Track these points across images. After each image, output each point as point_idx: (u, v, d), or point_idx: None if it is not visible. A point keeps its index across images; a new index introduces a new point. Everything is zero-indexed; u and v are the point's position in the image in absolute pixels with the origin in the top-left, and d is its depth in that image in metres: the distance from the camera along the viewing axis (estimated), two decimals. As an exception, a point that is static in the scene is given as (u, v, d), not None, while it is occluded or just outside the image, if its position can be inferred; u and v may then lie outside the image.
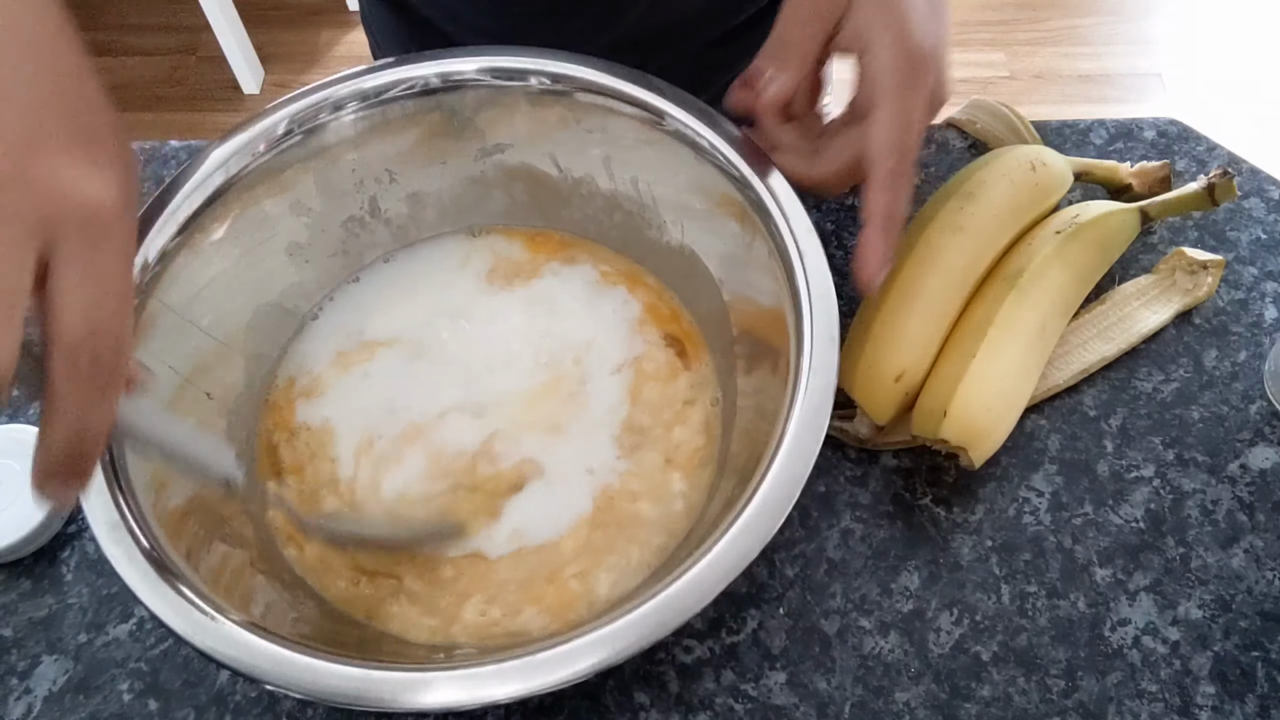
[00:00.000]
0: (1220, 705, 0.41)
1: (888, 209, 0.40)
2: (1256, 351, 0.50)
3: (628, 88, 0.44)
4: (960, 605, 0.44)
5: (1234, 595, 0.44)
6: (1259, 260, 0.53)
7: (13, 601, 0.45)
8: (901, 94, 0.40)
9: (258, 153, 0.44)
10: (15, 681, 0.43)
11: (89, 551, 0.46)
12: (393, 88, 0.45)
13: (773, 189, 0.42)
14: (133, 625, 0.44)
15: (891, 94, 0.40)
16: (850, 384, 0.45)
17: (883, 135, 0.40)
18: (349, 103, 0.45)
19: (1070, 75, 1.65)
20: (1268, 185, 0.55)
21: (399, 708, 0.32)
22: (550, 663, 0.33)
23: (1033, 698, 0.42)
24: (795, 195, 0.42)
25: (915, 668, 0.42)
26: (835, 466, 0.47)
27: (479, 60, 0.45)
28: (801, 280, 0.40)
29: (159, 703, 0.42)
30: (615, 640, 0.33)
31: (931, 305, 0.46)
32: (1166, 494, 0.46)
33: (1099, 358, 0.49)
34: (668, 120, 0.44)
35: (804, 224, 0.41)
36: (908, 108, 0.40)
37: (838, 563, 0.45)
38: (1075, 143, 0.58)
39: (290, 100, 0.44)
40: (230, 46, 1.60)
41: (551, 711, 0.42)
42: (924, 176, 0.56)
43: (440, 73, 0.45)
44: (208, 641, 0.33)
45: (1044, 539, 0.45)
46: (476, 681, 0.32)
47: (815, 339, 0.38)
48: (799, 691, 0.42)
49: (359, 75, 0.45)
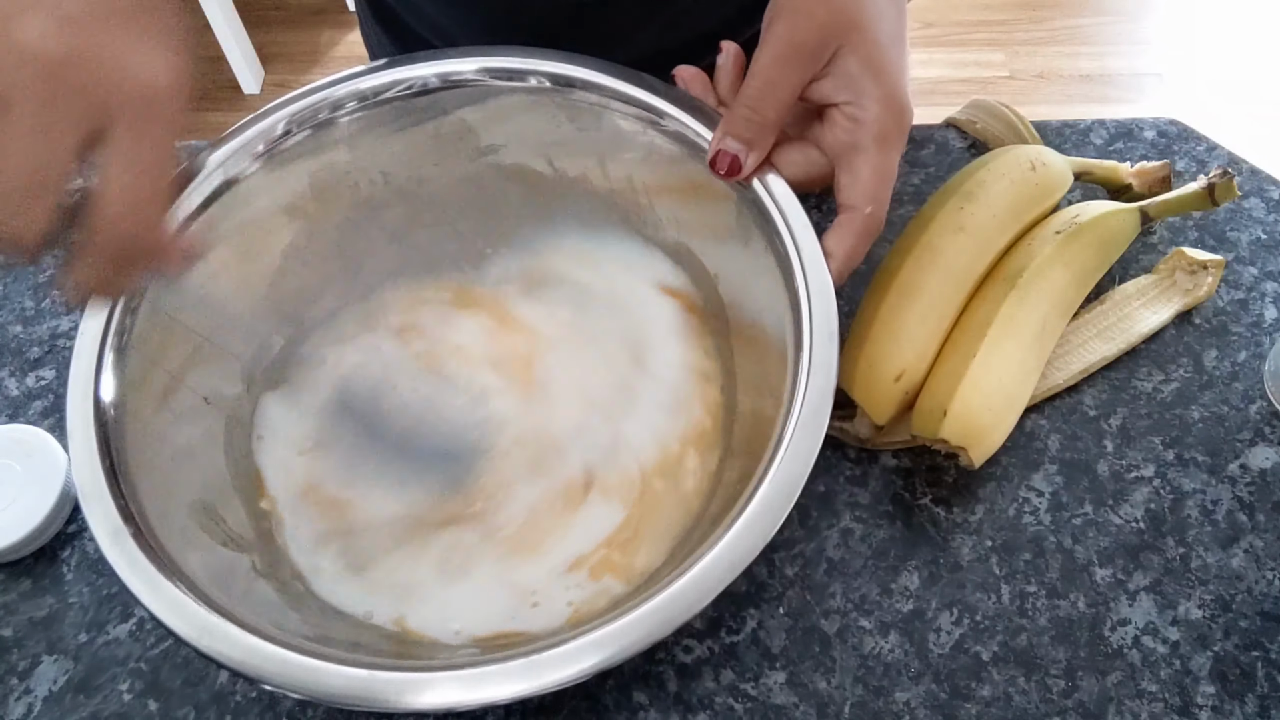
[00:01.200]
0: (1220, 705, 0.41)
1: (850, 253, 0.40)
2: (1256, 351, 0.50)
3: (624, 86, 0.44)
4: (960, 605, 0.44)
5: (1234, 595, 0.44)
6: (1259, 260, 0.53)
7: (13, 601, 0.45)
8: (886, 146, 0.40)
9: (256, 153, 0.44)
10: (15, 681, 0.43)
11: (89, 551, 0.46)
12: (391, 88, 0.45)
13: (769, 186, 0.42)
14: (133, 625, 0.44)
15: (876, 146, 0.40)
16: (850, 384, 0.45)
17: (862, 186, 0.40)
18: (347, 103, 0.45)
19: (1070, 75, 1.65)
20: (1268, 185, 0.55)
21: (400, 708, 0.32)
22: (551, 663, 0.33)
23: (1033, 698, 0.42)
24: (792, 193, 0.42)
25: (915, 668, 0.42)
26: (835, 466, 0.47)
27: (477, 61, 0.45)
28: (800, 278, 0.40)
29: (159, 703, 0.42)
30: (616, 640, 0.33)
31: (931, 305, 0.46)
32: (1166, 494, 0.46)
33: (1099, 358, 0.49)
34: (664, 119, 0.44)
35: (801, 221, 0.41)
36: (890, 160, 0.41)
37: (838, 562, 0.45)
38: (1075, 143, 0.58)
39: (289, 101, 0.44)
40: (230, 46, 1.60)
41: (551, 711, 0.42)
42: (924, 176, 0.56)
43: (439, 73, 0.45)
44: (211, 644, 0.33)
45: (1044, 539, 0.45)
46: (477, 681, 0.32)
47: (815, 337, 0.38)
48: (799, 691, 0.42)
49: (357, 76, 0.45)
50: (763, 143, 0.41)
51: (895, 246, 0.48)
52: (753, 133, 0.41)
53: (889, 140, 0.40)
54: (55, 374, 0.51)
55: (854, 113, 0.40)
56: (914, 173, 0.57)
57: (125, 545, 0.35)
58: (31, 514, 0.44)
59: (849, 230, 0.40)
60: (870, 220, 0.40)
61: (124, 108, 0.28)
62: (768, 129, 0.41)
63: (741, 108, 0.41)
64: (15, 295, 0.54)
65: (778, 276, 0.41)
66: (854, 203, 0.40)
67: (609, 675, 0.42)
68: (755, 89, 0.41)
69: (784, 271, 0.40)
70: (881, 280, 0.47)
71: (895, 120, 0.40)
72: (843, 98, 0.41)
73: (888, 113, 0.40)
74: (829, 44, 0.40)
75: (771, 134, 0.41)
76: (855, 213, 0.40)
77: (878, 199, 0.40)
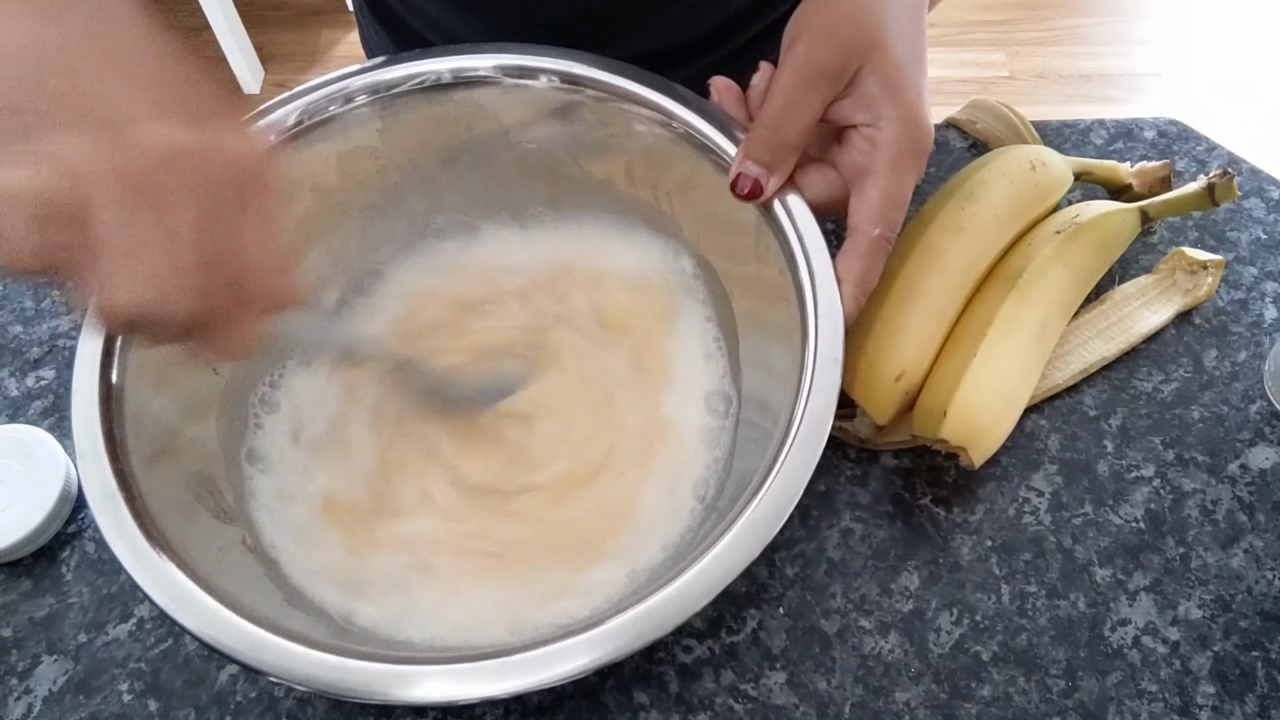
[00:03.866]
0: (1220, 705, 0.41)
1: (863, 275, 0.40)
2: (1256, 351, 0.50)
3: (656, 97, 0.44)
4: (960, 605, 0.44)
5: (1234, 595, 0.44)
6: (1259, 260, 0.53)
7: (13, 601, 0.45)
8: (900, 169, 0.40)
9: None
10: (15, 681, 0.43)
11: (89, 551, 0.46)
12: (405, 82, 0.45)
13: (788, 206, 0.42)
14: (133, 625, 0.44)
15: (890, 168, 0.40)
16: (850, 384, 0.45)
17: (873, 206, 0.40)
18: (359, 95, 0.45)
19: (1071, 75, 1.65)
20: (1268, 185, 0.55)
21: (391, 700, 0.32)
22: (549, 658, 0.33)
23: (1033, 698, 0.42)
24: (809, 210, 0.42)
25: (915, 668, 0.42)
26: (835, 466, 0.47)
27: (494, 59, 0.45)
28: (809, 289, 0.40)
29: (159, 703, 0.42)
30: (615, 637, 0.33)
31: (931, 305, 0.46)
32: (1166, 494, 0.46)
33: (1099, 358, 0.49)
34: (692, 132, 0.44)
35: (817, 243, 0.41)
36: (903, 183, 0.41)
37: (838, 562, 0.45)
38: (1075, 143, 0.58)
39: (301, 94, 0.45)
40: (230, 46, 1.60)
41: (551, 711, 0.42)
42: (924, 176, 0.56)
43: (453, 68, 0.45)
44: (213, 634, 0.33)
45: (1044, 539, 0.45)
46: (474, 675, 0.32)
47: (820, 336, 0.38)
48: (799, 691, 0.42)
49: (372, 69, 0.45)
50: (784, 165, 0.41)
51: (895, 247, 0.48)
52: (772, 154, 0.41)
53: (902, 163, 0.40)
54: (55, 374, 0.51)
55: (871, 134, 0.40)
56: (914, 173, 0.57)
57: (120, 516, 0.35)
58: (31, 514, 0.44)
59: (855, 254, 0.40)
60: (879, 242, 0.40)
61: (243, 181, 0.31)
62: (788, 150, 0.41)
63: (761, 128, 0.41)
64: (15, 295, 0.54)
65: (789, 290, 0.41)
66: (860, 225, 0.40)
67: (609, 675, 0.42)
68: (776, 109, 0.40)
69: (795, 285, 0.40)
70: (882, 280, 0.47)
71: (912, 143, 0.40)
72: (861, 119, 0.40)
73: (904, 135, 0.40)
74: (850, 65, 0.40)
75: (792, 155, 0.41)
76: (861, 236, 0.40)
77: (886, 221, 0.40)
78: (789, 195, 0.42)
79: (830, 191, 0.42)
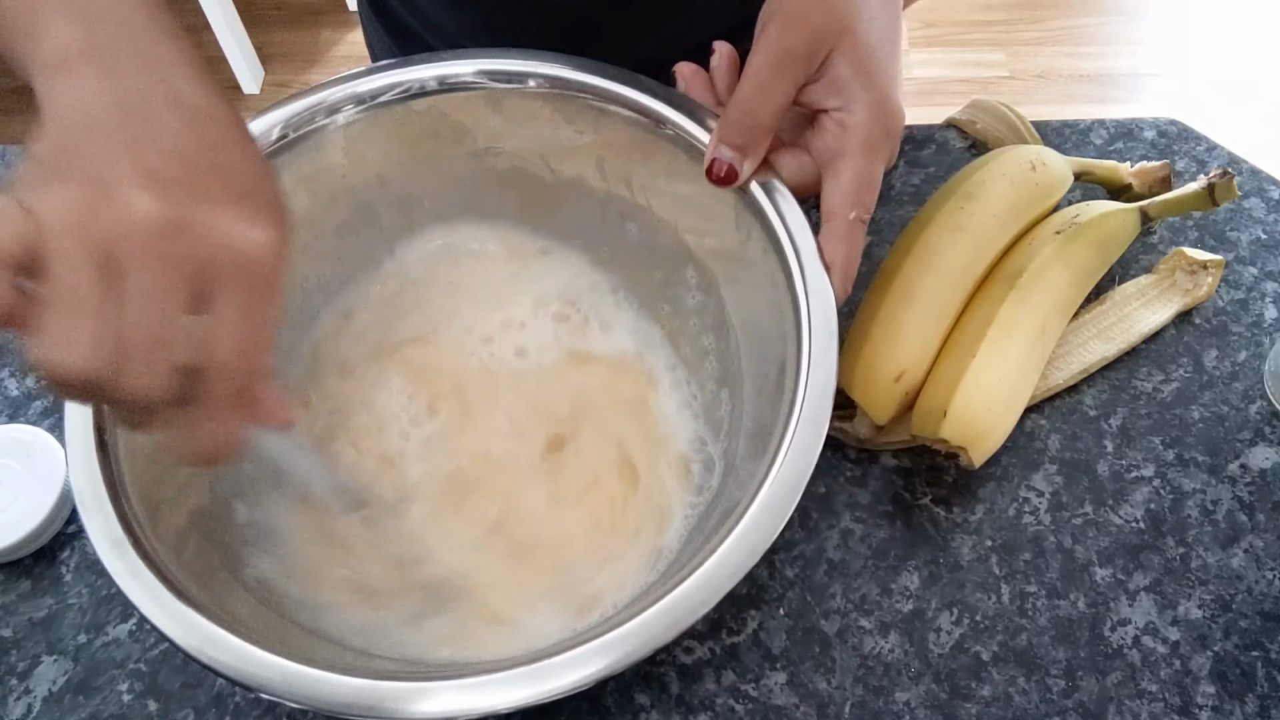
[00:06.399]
0: (1220, 705, 0.41)
1: (846, 257, 0.40)
2: (1256, 351, 0.50)
3: (621, 89, 0.44)
4: (960, 605, 0.44)
5: (1234, 595, 0.44)
6: (1259, 260, 0.53)
7: (13, 601, 0.45)
8: (872, 152, 0.40)
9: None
10: (15, 682, 0.43)
11: (89, 552, 0.46)
12: (388, 91, 0.45)
13: (767, 188, 0.42)
14: (132, 625, 0.44)
15: (861, 151, 0.40)
16: (850, 384, 0.45)
17: (847, 190, 0.40)
18: (344, 106, 0.45)
19: (1071, 75, 1.65)
20: (1268, 185, 0.55)
21: (404, 717, 0.32)
22: (556, 669, 0.33)
23: (1033, 698, 0.42)
24: (790, 194, 0.41)
25: (915, 668, 0.42)
26: (835, 466, 0.47)
27: (475, 63, 0.45)
28: (798, 278, 0.40)
29: (158, 704, 0.42)
30: (621, 645, 0.33)
31: (931, 305, 0.46)
32: (1166, 494, 0.46)
33: (1099, 358, 0.49)
34: (662, 122, 0.44)
35: (799, 222, 0.41)
36: (875, 165, 0.41)
37: (838, 563, 0.45)
38: (1075, 143, 0.58)
39: (285, 103, 0.44)
40: (230, 46, 1.60)
41: (552, 713, 0.42)
42: (924, 176, 0.56)
43: (437, 75, 0.45)
44: (214, 655, 0.33)
45: (1044, 539, 0.45)
46: (482, 689, 0.32)
47: (814, 336, 0.38)
48: (799, 692, 0.42)
49: (355, 78, 0.45)
50: (757, 148, 0.41)
51: (895, 246, 0.48)
52: (746, 138, 0.41)
53: (874, 146, 0.40)
54: (55, 374, 0.51)
55: (842, 118, 0.40)
56: (914, 173, 0.57)
57: (128, 559, 0.35)
58: (31, 514, 0.44)
59: (836, 238, 0.40)
60: (855, 225, 0.40)
61: (227, 271, 0.29)
62: (761, 133, 0.41)
63: (734, 112, 0.41)
64: (15, 295, 0.54)
65: (776, 275, 0.41)
66: (835, 209, 0.40)
67: (609, 677, 0.42)
68: (748, 92, 0.40)
69: (783, 270, 0.40)
70: (881, 280, 0.47)
71: (883, 126, 0.40)
72: (833, 103, 0.41)
73: (875, 118, 0.40)
74: (821, 48, 0.40)
75: (765, 138, 0.41)
76: (838, 220, 0.40)
77: (861, 203, 0.40)
78: (765, 176, 0.42)
79: (803, 175, 0.42)
